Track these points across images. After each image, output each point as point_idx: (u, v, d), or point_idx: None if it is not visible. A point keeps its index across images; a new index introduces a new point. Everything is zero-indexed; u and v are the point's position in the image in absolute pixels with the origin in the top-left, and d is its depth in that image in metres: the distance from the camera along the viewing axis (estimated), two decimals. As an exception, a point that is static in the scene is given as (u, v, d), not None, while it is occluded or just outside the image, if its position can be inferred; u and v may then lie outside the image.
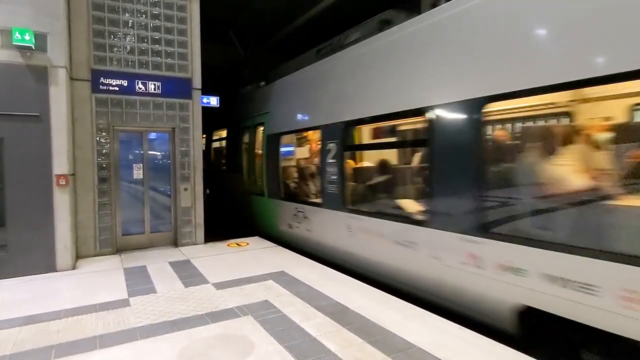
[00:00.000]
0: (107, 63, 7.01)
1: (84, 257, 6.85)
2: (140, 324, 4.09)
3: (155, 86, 7.36)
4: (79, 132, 6.78)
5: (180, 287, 5.30)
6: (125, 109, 7.19)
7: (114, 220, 7.19)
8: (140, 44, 7.27)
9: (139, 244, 7.60)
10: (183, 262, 6.62)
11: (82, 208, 6.84)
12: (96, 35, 6.91)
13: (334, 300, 4.71)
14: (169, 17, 7.51)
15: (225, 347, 3.56)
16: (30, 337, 3.82)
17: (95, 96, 6.93)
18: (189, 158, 7.80)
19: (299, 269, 6.05)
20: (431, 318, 4.22)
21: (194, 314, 4.33)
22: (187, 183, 7.80)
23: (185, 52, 7.65)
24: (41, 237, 5.94)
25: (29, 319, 4.25)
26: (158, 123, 7.50)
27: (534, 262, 3.59)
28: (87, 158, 6.88)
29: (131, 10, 7.19)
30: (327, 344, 3.60)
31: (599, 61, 3.21)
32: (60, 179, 6.00)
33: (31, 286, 5.39)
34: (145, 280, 5.58)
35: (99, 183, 7.02)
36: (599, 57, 3.21)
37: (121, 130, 7.33)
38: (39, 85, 5.85)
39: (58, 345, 3.62)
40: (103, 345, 3.61)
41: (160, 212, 7.96)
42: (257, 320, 4.13)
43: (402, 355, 3.38)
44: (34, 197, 5.89)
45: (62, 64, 6.01)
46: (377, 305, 4.53)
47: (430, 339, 3.67)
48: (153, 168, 7.84)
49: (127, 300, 4.78)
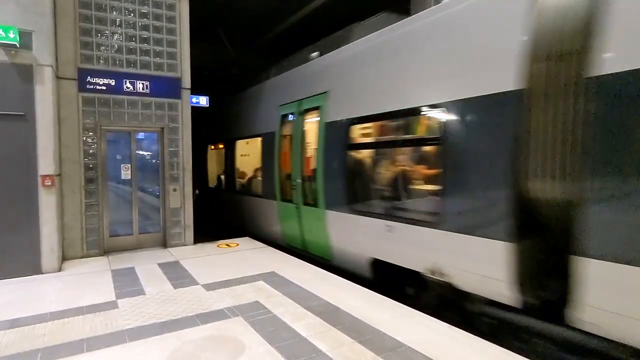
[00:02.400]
0: (94, 62, 6.91)
1: (71, 258, 6.74)
2: (128, 326, 4.04)
3: (143, 85, 7.28)
4: (66, 132, 6.67)
5: (169, 288, 5.25)
6: (113, 109, 7.09)
7: (101, 222, 7.09)
8: (128, 43, 7.18)
9: (128, 245, 7.51)
10: (172, 263, 6.55)
11: (68, 209, 6.73)
12: (83, 34, 6.81)
13: (324, 300, 4.71)
14: (158, 15, 7.43)
15: (216, 349, 3.54)
16: (14, 341, 3.74)
17: (82, 95, 6.82)
18: (178, 158, 7.73)
19: (290, 270, 6.04)
20: (421, 317, 4.25)
21: (183, 316, 4.29)
22: (176, 184, 7.73)
23: (174, 52, 7.58)
24: (26, 239, 5.82)
25: (13, 322, 4.16)
26: (146, 123, 7.42)
27: (371, 226, 5.46)
28: (74, 158, 6.77)
29: (119, 9, 7.09)
30: (318, 344, 3.60)
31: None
32: (46, 179, 5.90)
33: (16, 289, 5.28)
34: (133, 282, 5.51)
35: (86, 184, 6.91)
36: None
37: (108, 130, 7.24)
38: (24, 83, 5.74)
39: (44, 349, 3.56)
40: (90, 349, 3.56)
41: (148, 213, 7.87)
42: (247, 322, 4.11)
43: (392, 355, 3.40)
44: (19, 198, 5.77)
45: (48, 63, 5.90)
46: (368, 305, 4.55)
47: (420, 338, 3.70)
48: (141, 168, 7.74)
49: (115, 302, 4.71)
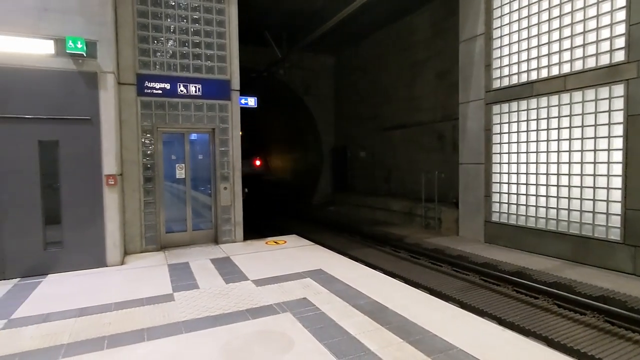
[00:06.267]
0: (150, 67, 7.32)
1: (131, 253, 7.20)
2: (184, 318, 4.24)
3: (196, 88, 7.61)
4: (126, 134, 7.13)
5: (221, 283, 5.45)
6: (168, 111, 7.48)
7: (158, 219, 7.50)
8: (181, 48, 7.54)
9: (182, 242, 7.89)
10: (223, 259, 6.80)
11: (129, 207, 7.18)
12: (141, 41, 7.23)
13: (372, 299, 4.67)
14: (209, 20, 7.73)
15: (265, 343, 3.62)
16: (84, 328, 4.05)
17: (140, 99, 7.26)
18: (228, 158, 8.00)
19: (337, 268, 6.05)
20: (471, 319, 4.10)
21: (235, 310, 4.43)
22: (227, 182, 8.00)
23: (224, 55, 7.85)
24: (93, 234, 6.29)
25: (82, 310, 4.51)
26: (199, 124, 7.74)
27: None
28: (133, 159, 7.22)
29: (173, 16, 7.46)
30: (366, 342, 3.58)
31: None
32: (109, 178, 6.33)
33: (84, 280, 5.72)
34: (188, 276, 5.78)
35: (144, 183, 7.35)
36: None
37: (164, 132, 7.64)
38: (90, 90, 6.20)
39: (109, 337, 3.83)
40: (150, 338, 3.78)
41: (201, 211, 8.21)
42: (295, 318, 4.16)
43: (443, 356, 3.30)
44: (86, 196, 6.24)
45: (110, 70, 6.33)
46: (416, 305, 4.45)
47: (472, 341, 3.57)
48: (194, 168, 8.11)
49: (171, 295, 4.97)
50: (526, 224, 8.23)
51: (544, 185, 7.84)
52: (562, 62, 7.45)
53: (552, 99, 7.64)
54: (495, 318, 5.29)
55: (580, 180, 7.21)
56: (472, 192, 9.53)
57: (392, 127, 15.02)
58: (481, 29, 9.09)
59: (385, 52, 15.32)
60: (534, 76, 7.98)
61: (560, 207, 7.55)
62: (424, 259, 8.54)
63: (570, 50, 7.27)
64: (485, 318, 4.12)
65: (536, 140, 7.98)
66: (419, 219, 12.00)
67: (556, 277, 6.34)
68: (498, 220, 8.87)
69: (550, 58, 7.65)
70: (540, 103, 7.89)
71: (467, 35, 9.53)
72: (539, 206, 7.97)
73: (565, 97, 7.42)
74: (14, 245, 5.79)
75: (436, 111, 12.86)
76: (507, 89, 8.56)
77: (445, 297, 6.11)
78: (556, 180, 7.61)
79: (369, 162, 16.82)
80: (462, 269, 7.53)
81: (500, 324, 4.98)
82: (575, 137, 7.27)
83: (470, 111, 9.51)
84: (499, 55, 8.76)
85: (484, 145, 9.09)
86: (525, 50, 8.15)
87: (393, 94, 14.97)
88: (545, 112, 7.79)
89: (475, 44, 9.27)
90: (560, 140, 7.52)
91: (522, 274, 6.66)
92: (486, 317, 4.95)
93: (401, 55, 14.40)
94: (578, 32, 7.15)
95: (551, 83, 7.62)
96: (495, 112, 8.85)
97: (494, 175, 8.93)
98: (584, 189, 7.15)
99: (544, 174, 7.84)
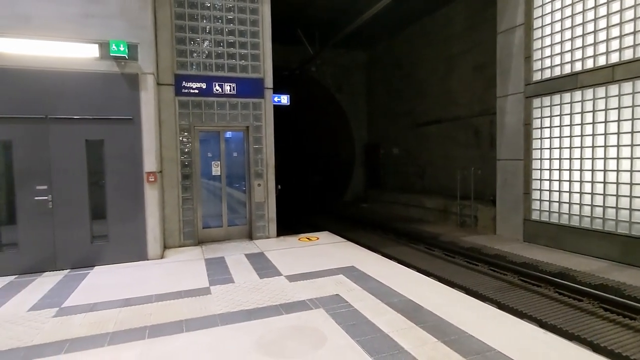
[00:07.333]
0: (187, 68, 7.54)
1: (170, 247, 7.48)
2: (220, 311, 4.36)
3: (230, 87, 7.77)
4: (165, 133, 7.40)
5: (255, 278, 5.56)
6: (204, 110, 7.69)
7: (195, 214, 7.74)
8: (216, 48, 7.72)
9: (217, 237, 8.10)
10: (257, 254, 6.93)
11: (168, 203, 7.46)
12: (178, 42, 7.47)
13: (405, 297, 4.62)
14: (242, 20, 7.87)
15: (298, 338, 3.67)
16: (127, 317, 4.26)
17: (178, 99, 7.50)
18: (261, 155, 8.13)
19: (370, 265, 6.03)
20: (508, 319, 3.97)
21: (268, 304, 4.51)
22: (261, 179, 8.14)
23: (257, 53, 7.97)
24: (135, 229, 6.58)
25: (126, 301, 4.74)
26: (233, 122, 7.91)
27: None
28: (172, 156, 7.48)
29: (208, 17, 7.65)
30: (400, 341, 3.54)
31: None
32: (150, 176, 6.60)
33: (127, 272, 6.00)
34: (224, 271, 5.94)
35: (182, 180, 7.60)
36: None
37: (201, 130, 7.86)
38: (131, 91, 6.47)
39: (151, 327, 4.00)
40: (189, 329, 3.92)
41: (236, 207, 8.40)
42: (328, 314, 4.19)
43: (480, 358, 3.22)
44: (128, 193, 6.54)
45: (150, 71, 6.58)
46: (451, 304, 4.36)
47: (511, 343, 3.45)
48: (229, 165, 8.30)
49: (208, 289, 5.13)
50: (569, 223, 7.86)
51: (589, 182, 7.45)
52: (609, 52, 7.04)
53: (599, 90, 7.23)
54: (536, 320, 5.10)
55: (630, 176, 6.79)
56: (510, 189, 9.20)
57: (427, 122, 14.73)
58: (520, 19, 8.73)
59: (419, 46, 15.03)
60: (578, 67, 7.59)
61: (607, 205, 7.16)
62: (460, 258, 8.34)
63: (620, 38, 6.85)
64: (524, 320, 3.97)
65: (580, 135, 7.59)
66: (454, 217, 11.73)
67: (602, 279, 6.02)
68: (538, 219, 8.53)
69: (597, 47, 7.24)
70: (585, 95, 7.49)
71: (506, 26, 9.19)
72: (584, 204, 7.58)
73: (613, 89, 7.00)
74: (64, 238, 6.16)
75: (472, 106, 12.50)
76: (548, 82, 8.18)
77: (482, 297, 5.94)
78: (602, 176, 7.21)
79: (402, 158, 16.59)
80: (500, 268, 7.29)
81: (541, 326, 4.80)
82: (624, 131, 6.86)
83: (508, 105, 9.18)
84: (540, 46, 8.38)
85: (523, 140, 8.75)
86: (568, 40, 7.76)
87: (427, 89, 14.67)
88: (591, 104, 7.39)
89: (514, 35, 8.92)
90: (608, 134, 7.11)
91: (564, 274, 6.37)
92: (526, 319, 4.77)
93: (436, 49, 14.08)
94: (628, 19, 6.72)
95: (597, 74, 7.21)
96: (536, 105, 8.49)
97: (534, 172, 8.58)
98: (634, 186, 6.74)
99: (589, 170, 7.44)
